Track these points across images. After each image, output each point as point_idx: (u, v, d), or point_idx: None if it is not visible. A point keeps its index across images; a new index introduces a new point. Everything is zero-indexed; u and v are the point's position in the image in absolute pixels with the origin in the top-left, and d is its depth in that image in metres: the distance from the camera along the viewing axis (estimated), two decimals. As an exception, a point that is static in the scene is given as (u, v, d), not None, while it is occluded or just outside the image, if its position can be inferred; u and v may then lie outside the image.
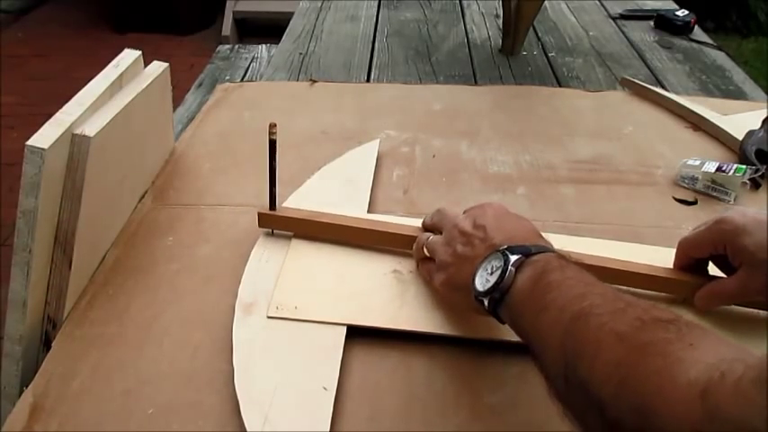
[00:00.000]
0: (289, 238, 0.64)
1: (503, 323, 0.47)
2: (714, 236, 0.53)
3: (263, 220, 0.63)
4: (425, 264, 0.57)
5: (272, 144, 0.58)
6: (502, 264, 0.45)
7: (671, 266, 0.58)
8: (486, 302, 0.46)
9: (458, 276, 0.51)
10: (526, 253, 0.45)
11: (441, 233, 0.56)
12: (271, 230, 0.64)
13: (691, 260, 0.56)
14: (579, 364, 0.37)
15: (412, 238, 0.60)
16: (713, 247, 0.53)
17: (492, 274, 0.46)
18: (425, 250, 0.57)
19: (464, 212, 0.56)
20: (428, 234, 0.58)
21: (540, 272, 0.44)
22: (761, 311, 0.56)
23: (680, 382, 0.31)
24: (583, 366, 0.36)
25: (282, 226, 0.64)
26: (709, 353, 0.32)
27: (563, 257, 0.46)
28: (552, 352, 0.39)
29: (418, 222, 0.67)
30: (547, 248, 0.47)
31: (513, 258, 0.45)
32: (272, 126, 0.58)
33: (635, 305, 0.38)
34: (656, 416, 0.31)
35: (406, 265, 0.61)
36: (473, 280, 0.47)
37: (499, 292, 0.45)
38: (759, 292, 0.51)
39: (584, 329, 0.38)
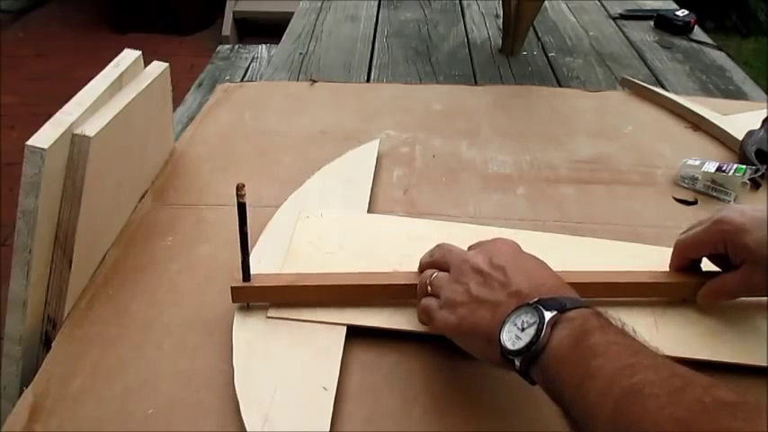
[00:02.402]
0: (289, 238, 0.63)
1: (533, 384, 0.43)
2: (714, 236, 0.53)
3: (238, 295, 0.55)
4: (425, 300, 0.51)
5: (242, 207, 0.50)
6: (536, 320, 0.41)
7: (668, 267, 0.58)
8: (517, 362, 0.42)
9: (472, 320, 0.46)
10: (561, 308, 0.42)
11: (444, 270, 0.51)
12: (246, 304, 0.56)
13: (688, 261, 0.56)
14: None
15: (411, 287, 0.54)
16: (713, 247, 0.53)
17: (524, 330, 0.42)
18: (429, 288, 0.51)
19: (470, 248, 0.52)
20: (433, 270, 0.52)
21: (580, 332, 0.40)
22: (761, 301, 0.56)
23: None
24: None
25: (260, 297, 0.55)
26: None
27: (600, 314, 0.42)
28: (601, 427, 0.36)
29: (419, 223, 0.67)
30: (581, 302, 0.43)
31: (549, 315, 0.41)
32: (240, 188, 0.49)
33: (693, 383, 0.35)
34: None
35: (406, 266, 0.60)
36: (499, 335, 0.43)
37: (533, 352, 0.41)
38: (761, 288, 0.51)
39: (640, 410, 0.34)
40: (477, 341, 0.46)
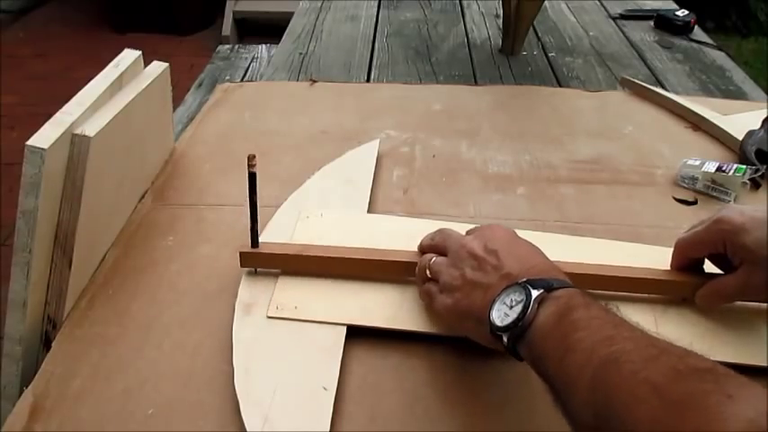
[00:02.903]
0: (289, 238, 0.63)
1: (520, 360, 0.45)
2: (713, 236, 0.53)
3: (246, 260, 0.58)
4: (426, 285, 0.54)
5: (252, 177, 0.54)
6: (523, 298, 0.44)
7: (669, 266, 0.58)
8: (505, 338, 0.44)
9: (466, 302, 0.49)
10: (548, 287, 0.44)
11: (442, 254, 0.54)
12: (254, 269, 0.59)
13: (689, 260, 0.56)
14: (611, 416, 0.35)
15: (410, 265, 0.57)
16: (713, 246, 0.53)
17: (512, 308, 0.44)
18: (428, 272, 0.54)
19: (467, 233, 0.54)
20: (431, 255, 0.54)
21: (564, 308, 0.42)
22: (762, 305, 0.56)
23: None
24: (615, 419, 0.35)
25: (267, 264, 0.59)
26: (749, 406, 0.31)
27: (586, 294, 0.44)
28: (579, 398, 0.38)
29: (419, 223, 0.67)
30: (568, 283, 0.45)
31: (536, 293, 0.43)
32: (252, 158, 0.53)
33: (669, 352, 0.36)
34: None
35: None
36: (489, 313, 0.45)
37: (520, 328, 0.43)
38: (761, 290, 0.51)
39: (616, 377, 0.36)
40: (469, 322, 0.49)
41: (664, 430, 0.32)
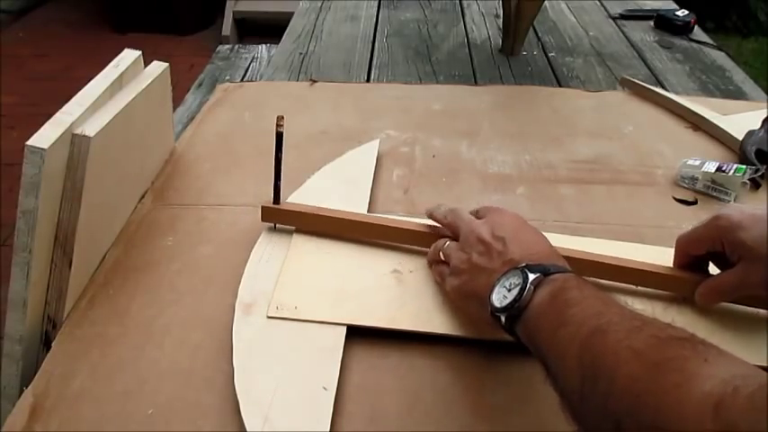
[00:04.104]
0: (289, 237, 0.64)
1: (518, 341, 0.46)
2: (711, 232, 0.53)
3: (267, 214, 0.64)
4: (439, 266, 0.57)
5: (279, 137, 0.59)
6: (521, 281, 0.46)
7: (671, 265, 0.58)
8: (502, 319, 0.46)
9: (471, 285, 0.51)
10: (545, 272, 0.46)
11: (454, 235, 0.57)
12: (273, 225, 0.64)
13: (690, 258, 0.56)
14: (597, 379, 0.37)
15: (415, 234, 0.61)
16: (710, 243, 0.53)
17: (510, 291, 0.46)
18: (441, 255, 0.57)
19: (478, 215, 0.57)
20: (445, 240, 0.58)
21: (559, 289, 0.44)
22: (760, 311, 0.56)
23: (695, 395, 0.32)
24: (601, 381, 0.37)
25: (286, 220, 0.64)
26: (724, 369, 0.33)
27: (581, 278, 0.46)
28: (568, 367, 0.40)
29: (420, 220, 0.67)
30: (565, 269, 0.48)
31: (532, 277, 0.45)
32: (280, 119, 0.59)
33: (651, 324, 0.39)
34: (672, 430, 0.32)
35: (406, 266, 0.61)
36: (490, 295, 0.48)
37: (517, 309, 0.45)
38: (758, 286, 0.51)
39: (601, 345, 0.38)
40: (473, 304, 0.52)
41: (644, 388, 0.35)
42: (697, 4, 1.56)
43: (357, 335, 0.54)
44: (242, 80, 1.36)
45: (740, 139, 0.81)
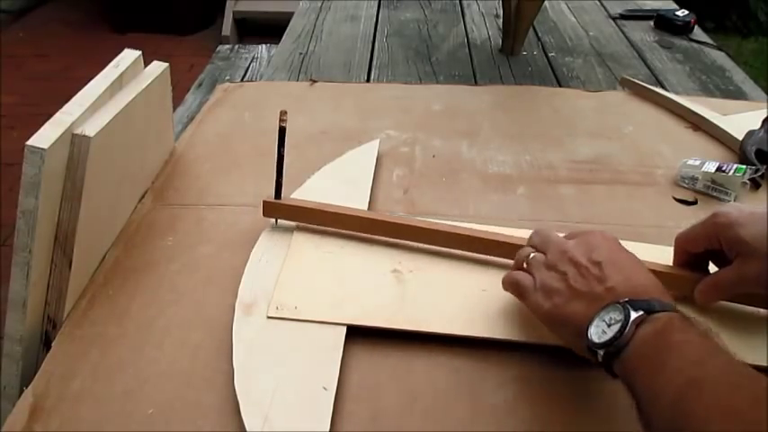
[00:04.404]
0: (289, 237, 0.64)
1: (614, 377, 0.44)
2: (708, 229, 0.53)
3: (268, 209, 0.64)
4: (518, 274, 0.54)
5: (282, 132, 0.59)
6: (622, 318, 0.44)
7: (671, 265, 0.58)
8: (600, 355, 0.44)
9: (566, 310, 0.48)
10: (649, 310, 0.44)
11: (540, 251, 0.54)
12: (275, 220, 0.65)
13: (689, 256, 0.56)
14: None
15: (416, 230, 0.62)
16: (708, 240, 0.53)
17: (610, 326, 0.44)
18: (525, 264, 0.54)
19: (567, 237, 0.54)
20: (531, 249, 0.55)
21: (661, 330, 0.42)
22: (760, 310, 0.56)
23: None
24: None
25: (287, 215, 0.64)
26: None
27: (685, 317, 0.44)
28: (661, 414, 0.38)
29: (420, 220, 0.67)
30: (670, 306, 0.45)
31: (635, 315, 0.43)
32: (283, 113, 0.59)
33: (756, 380, 0.37)
34: None
35: (406, 266, 0.61)
36: (588, 328, 0.45)
37: (616, 347, 0.43)
38: (756, 283, 0.51)
39: (696, 399, 0.37)
40: (566, 331, 0.49)
41: None
42: (697, 4, 1.56)
43: (357, 335, 0.54)
44: (242, 80, 1.36)
45: (740, 139, 0.81)
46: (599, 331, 0.45)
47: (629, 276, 0.48)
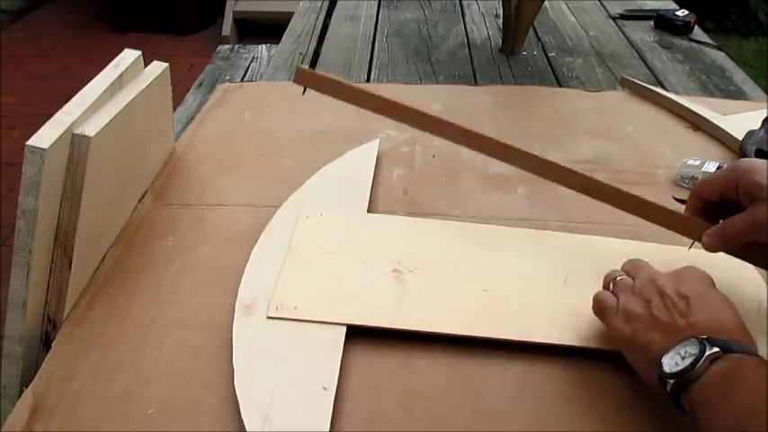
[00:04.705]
0: (289, 237, 0.63)
1: (682, 411, 0.44)
2: (728, 174, 0.53)
3: (301, 77, 0.65)
4: (605, 294, 0.53)
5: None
6: (696, 352, 0.43)
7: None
8: (669, 385, 0.44)
9: (643, 338, 0.48)
10: (726, 348, 0.43)
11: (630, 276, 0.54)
12: (303, 89, 0.66)
13: (704, 204, 0.56)
14: None
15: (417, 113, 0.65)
16: (726, 185, 0.53)
17: (683, 359, 0.44)
18: (611, 285, 0.54)
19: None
20: (620, 272, 0.55)
21: (735, 367, 0.42)
22: (761, 308, 0.56)
23: None
24: None
25: (320, 86, 0.66)
26: None
27: (762, 359, 0.43)
28: None
29: (419, 223, 0.67)
30: (750, 350, 0.44)
31: (710, 351, 0.43)
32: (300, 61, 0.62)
33: None
34: None
35: (406, 265, 0.61)
36: (662, 358, 0.45)
37: (686, 379, 0.43)
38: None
39: (760, 429, 0.37)
40: (641, 358, 0.48)
41: None
42: (697, 4, 1.57)
43: (357, 335, 0.54)
44: (242, 80, 1.36)
45: (740, 139, 0.81)
46: (672, 363, 0.44)
47: (714, 315, 0.47)
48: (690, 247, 0.57)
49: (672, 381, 0.44)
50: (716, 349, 0.43)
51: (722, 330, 0.46)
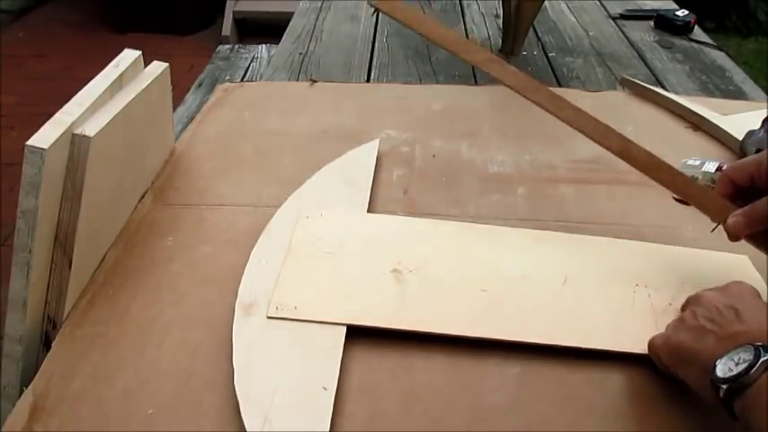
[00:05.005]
0: (289, 237, 0.63)
1: (733, 418, 0.44)
2: (760, 158, 0.53)
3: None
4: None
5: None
6: (751, 358, 0.43)
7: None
8: (722, 390, 0.44)
9: (693, 346, 0.48)
10: None
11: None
12: (374, 11, 0.65)
13: (733, 188, 0.56)
14: None
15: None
16: (757, 168, 0.53)
17: (737, 365, 0.44)
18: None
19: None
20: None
21: None
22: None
23: None
24: None
25: (396, 14, 0.64)
26: None
27: None
28: None
29: (419, 223, 0.67)
30: None
31: (765, 357, 0.42)
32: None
33: None
34: None
35: (406, 265, 0.61)
36: (715, 364, 0.45)
37: (740, 383, 0.43)
38: None
39: None
40: (691, 366, 0.48)
41: None
42: (697, 4, 1.57)
43: (357, 335, 0.54)
44: (242, 80, 1.36)
45: (740, 139, 0.81)
46: (726, 368, 0.44)
47: (765, 323, 0.47)
48: (713, 230, 0.57)
49: (725, 386, 0.43)
50: None
51: None
